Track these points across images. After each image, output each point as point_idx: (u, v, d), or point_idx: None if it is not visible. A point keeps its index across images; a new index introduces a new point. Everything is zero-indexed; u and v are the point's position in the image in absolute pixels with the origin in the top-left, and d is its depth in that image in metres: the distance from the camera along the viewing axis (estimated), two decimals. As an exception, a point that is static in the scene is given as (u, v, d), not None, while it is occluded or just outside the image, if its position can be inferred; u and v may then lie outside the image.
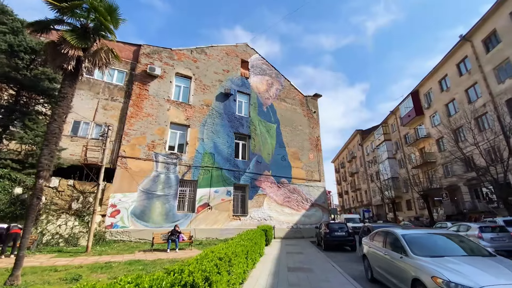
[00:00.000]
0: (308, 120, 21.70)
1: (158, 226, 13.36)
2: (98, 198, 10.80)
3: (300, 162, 19.82)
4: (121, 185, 13.13)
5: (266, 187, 17.56)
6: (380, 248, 5.86)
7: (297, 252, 11.26)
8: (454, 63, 22.47)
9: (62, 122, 5.85)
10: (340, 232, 12.57)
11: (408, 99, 28.67)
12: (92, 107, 13.84)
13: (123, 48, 15.60)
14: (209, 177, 15.56)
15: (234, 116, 17.94)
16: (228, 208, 15.60)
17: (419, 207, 29.46)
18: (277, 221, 17.10)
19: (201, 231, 14.30)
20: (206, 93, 17.35)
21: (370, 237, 6.91)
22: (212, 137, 16.53)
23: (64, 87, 5.93)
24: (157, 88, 15.64)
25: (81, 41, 6.03)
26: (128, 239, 12.64)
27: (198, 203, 14.77)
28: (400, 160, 32.70)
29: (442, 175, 24.33)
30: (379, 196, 38.25)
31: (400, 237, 5.19)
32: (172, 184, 14.38)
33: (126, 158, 13.62)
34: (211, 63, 18.25)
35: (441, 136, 24.31)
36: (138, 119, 14.49)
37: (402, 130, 31.82)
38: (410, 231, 5.55)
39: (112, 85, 14.67)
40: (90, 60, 6.23)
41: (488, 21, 18.86)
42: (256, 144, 18.18)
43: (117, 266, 7.51)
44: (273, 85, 20.89)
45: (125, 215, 12.87)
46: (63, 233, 11.35)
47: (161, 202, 13.80)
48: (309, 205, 18.94)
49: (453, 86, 22.72)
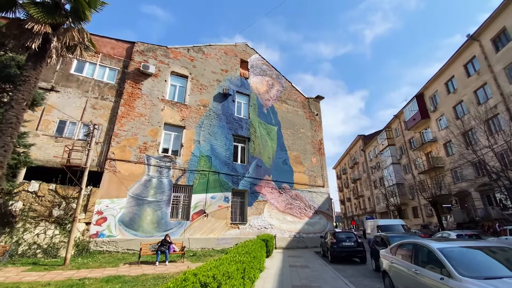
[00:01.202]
0: (310, 123, 20.74)
1: (148, 235, 12.21)
2: (80, 204, 9.70)
3: (303, 166, 18.75)
4: (109, 190, 12.05)
5: (267, 192, 16.45)
6: (407, 265, 4.77)
7: (302, 265, 10.08)
8: (461, 64, 21.67)
9: (22, 110, 4.87)
10: (348, 242, 11.40)
11: (412, 102, 27.79)
12: (80, 106, 12.90)
13: (116, 45, 14.80)
14: (205, 182, 14.47)
15: (232, 118, 16.98)
16: (225, 215, 14.46)
17: (426, 214, 28.18)
18: (278, 229, 15.90)
19: (196, 241, 13.12)
20: (203, 93, 16.44)
21: (391, 250, 5.81)
22: (209, 139, 15.53)
23: (26, 69, 4.98)
24: (151, 87, 14.74)
25: (48, 16, 5.11)
26: (115, 249, 11.47)
27: (193, 210, 13.64)
28: (405, 166, 31.57)
29: (451, 181, 23.17)
30: (383, 203, 36.93)
31: (437, 251, 4.11)
32: (165, 189, 13.29)
33: (115, 160, 12.58)
34: (208, 62, 17.43)
35: (449, 140, 23.31)
36: (129, 119, 13.53)
37: (407, 135, 30.82)
38: (446, 244, 4.46)
39: (102, 83, 13.78)
40: (60, 39, 5.27)
41: (497, 19, 18.14)
42: (256, 147, 17.16)
43: (92, 284, 6.38)
44: (273, 86, 20.03)
45: (112, 223, 11.74)
46: (42, 243, 10.20)
47: (152, 209, 12.68)
48: (313, 212, 17.76)
49: (461, 87, 21.85)
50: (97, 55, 14.10)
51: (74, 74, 13.28)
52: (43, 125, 11.93)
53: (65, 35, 5.30)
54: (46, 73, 12.68)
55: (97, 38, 14.40)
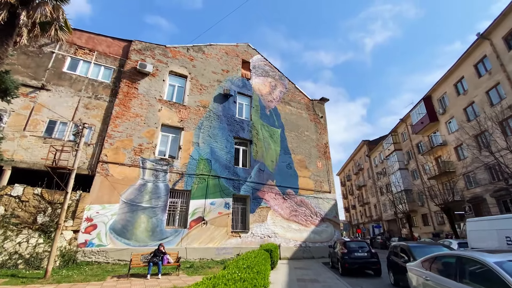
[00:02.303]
0: (315, 126, 19.88)
1: (142, 244, 11.23)
2: (65, 210, 8.80)
3: (308, 171, 17.78)
4: (100, 195, 11.16)
5: (270, 198, 15.45)
6: (452, 284, 3.79)
7: (311, 279, 9.01)
8: (471, 64, 20.84)
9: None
10: (361, 252, 10.35)
11: (420, 105, 26.87)
12: (72, 106, 12.17)
13: (112, 43, 14.20)
14: (204, 187, 13.55)
15: (234, 119, 16.18)
16: (226, 223, 13.45)
17: (437, 222, 26.84)
18: (283, 238, 14.82)
19: (193, 251, 12.10)
20: (203, 94, 15.71)
21: (422, 263, 4.83)
22: (209, 142, 14.69)
23: (-12, 46, 4.20)
24: (148, 86, 14.04)
25: (16, -14, 4.37)
26: (105, 260, 10.49)
27: (191, 217, 12.66)
28: (414, 171, 30.40)
29: (464, 186, 22.00)
30: (390, 210, 35.57)
31: (496, 267, 3.15)
32: (161, 195, 12.37)
33: (107, 163, 11.74)
34: (209, 62, 16.77)
35: (460, 143, 22.28)
36: (124, 119, 12.76)
37: (414, 139, 29.79)
38: (503, 256, 3.50)
39: (97, 82, 13.09)
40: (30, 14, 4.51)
41: (508, 16, 17.40)
42: (258, 150, 16.27)
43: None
44: (276, 87, 19.30)
45: (103, 231, 10.80)
46: (24, 253, 9.28)
47: (147, 216, 11.73)
48: (319, 220, 16.67)
49: (471, 88, 20.96)
50: (92, 53, 13.48)
51: (67, 73, 12.62)
52: (31, 125, 11.18)
53: (37, 10, 4.55)
54: (37, 71, 12.06)
55: (92, 36, 13.85)
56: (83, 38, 13.55)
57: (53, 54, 12.61)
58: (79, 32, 13.52)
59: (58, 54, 12.73)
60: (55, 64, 12.51)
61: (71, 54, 13.01)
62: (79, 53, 13.22)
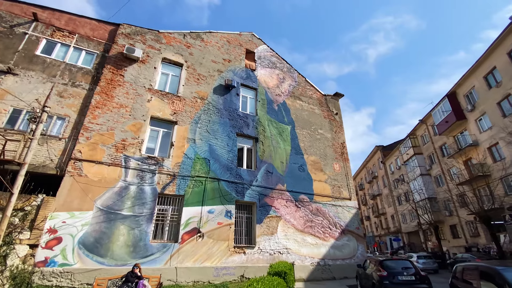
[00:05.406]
0: (329, 123, 17.52)
1: (120, 263, 8.82)
2: (7, 217, 6.55)
3: (324, 174, 15.26)
4: (69, 200, 8.92)
5: (280, 206, 12.94)
6: None
7: (345, 316, 6.40)
8: (504, 52, 18.44)
9: None
10: (406, 275, 7.73)
11: (443, 102, 24.28)
12: (43, 93, 10.17)
13: (97, 27, 12.42)
14: (201, 191, 11.19)
15: (237, 114, 13.99)
16: (227, 236, 10.96)
17: (470, 233, 23.53)
18: (297, 255, 12.17)
19: (186, 272, 9.58)
20: (201, 84, 13.66)
21: None
22: (207, 138, 12.47)
23: None
24: (136, 74, 12.07)
25: None
26: (70, 284, 8.08)
27: (184, 229, 10.24)
28: (437, 177, 27.37)
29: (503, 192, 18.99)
30: (411, 221, 32.21)
31: None
32: (147, 200, 10.05)
33: (81, 161, 9.56)
34: (208, 51, 14.84)
35: (496, 142, 19.52)
36: (105, 110, 10.70)
37: (437, 141, 26.99)
38: None
39: (75, 67, 11.17)
40: None
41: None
42: (265, 149, 13.93)
43: None
44: (285, 80, 17.17)
45: (70, 245, 8.46)
46: (-42, 277, 6.99)
47: (127, 227, 9.37)
48: (339, 232, 13.98)
49: (506, 79, 18.45)
50: (72, 36, 11.66)
51: (40, 56, 10.75)
52: (-11, 114, 9.18)
53: None
54: (4, 53, 10.21)
55: (74, 17, 12.10)
56: (63, 19, 11.80)
57: (26, 36, 10.82)
58: (58, 13, 11.79)
59: (32, 36, 10.94)
60: (27, 46, 10.68)
61: (47, 36, 11.21)
62: (56, 35, 11.42)
